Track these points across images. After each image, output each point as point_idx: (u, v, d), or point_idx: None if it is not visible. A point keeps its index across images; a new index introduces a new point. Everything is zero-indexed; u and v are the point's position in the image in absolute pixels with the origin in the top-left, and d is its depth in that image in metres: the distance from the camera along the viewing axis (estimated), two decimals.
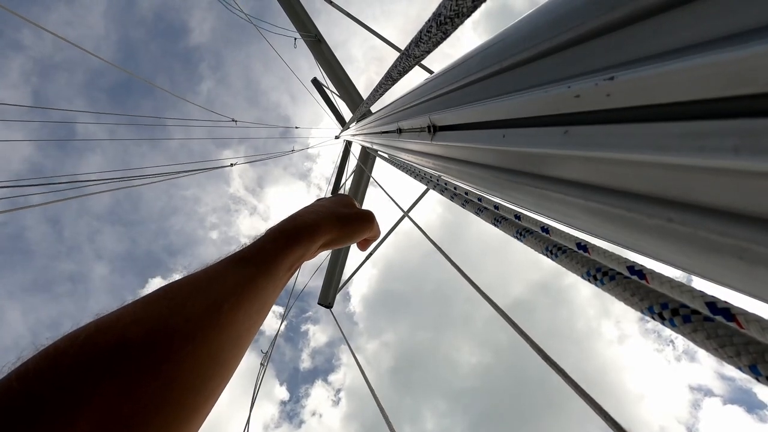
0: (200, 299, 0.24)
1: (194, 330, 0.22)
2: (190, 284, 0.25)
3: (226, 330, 0.24)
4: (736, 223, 0.18)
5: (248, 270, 0.28)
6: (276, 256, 0.31)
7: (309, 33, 3.64)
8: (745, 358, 0.22)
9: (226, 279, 0.26)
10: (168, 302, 0.23)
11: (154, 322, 0.21)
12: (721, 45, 0.17)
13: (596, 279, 0.38)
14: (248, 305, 0.26)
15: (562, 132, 0.29)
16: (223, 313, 0.24)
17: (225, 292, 0.25)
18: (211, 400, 0.23)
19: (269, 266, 0.30)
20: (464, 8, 0.41)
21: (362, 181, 4.21)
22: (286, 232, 0.33)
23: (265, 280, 0.29)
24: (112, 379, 0.18)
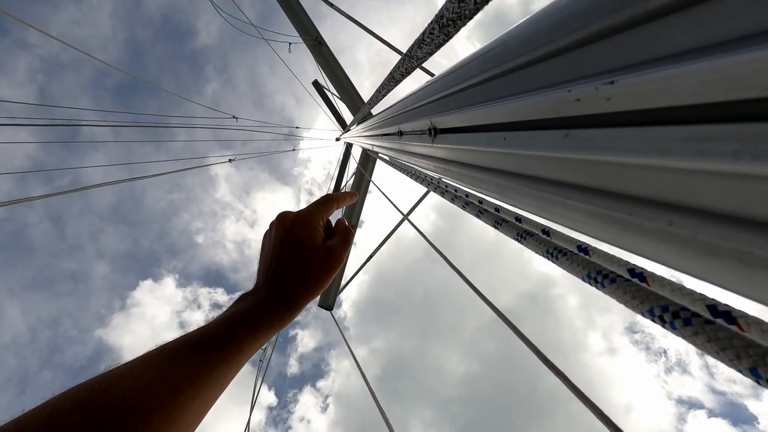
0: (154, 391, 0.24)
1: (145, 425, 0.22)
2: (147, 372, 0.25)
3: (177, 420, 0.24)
4: (736, 227, 0.18)
5: (212, 357, 0.28)
6: (244, 342, 0.30)
7: (310, 35, 3.66)
8: (745, 361, 0.22)
9: (186, 367, 0.26)
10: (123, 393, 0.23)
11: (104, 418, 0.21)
12: (722, 50, 0.17)
13: (597, 281, 0.38)
14: (205, 392, 0.26)
15: (562, 135, 0.29)
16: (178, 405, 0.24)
17: (184, 383, 0.25)
18: None
19: (234, 353, 0.29)
20: (466, 11, 0.41)
21: (363, 183, 4.21)
22: (257, 320, 0.32)
23: (227, 367, 0.28)
24: None
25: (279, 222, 0.42)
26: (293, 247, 0.39)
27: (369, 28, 3.04)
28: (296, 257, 0.38)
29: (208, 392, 0.27)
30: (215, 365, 0.27)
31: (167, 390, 0.24)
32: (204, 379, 0.26)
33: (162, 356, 0.26)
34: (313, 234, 0.40)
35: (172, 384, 0.25)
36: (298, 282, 0.37)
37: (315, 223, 0.41)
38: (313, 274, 0.38)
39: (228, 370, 0.29)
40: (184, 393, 0.25)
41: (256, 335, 0.31)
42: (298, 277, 0.37)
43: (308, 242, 0.39)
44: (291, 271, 0.37)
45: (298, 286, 0.36)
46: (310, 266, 0.38)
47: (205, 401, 0.27)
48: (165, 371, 0.25)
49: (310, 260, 0.38)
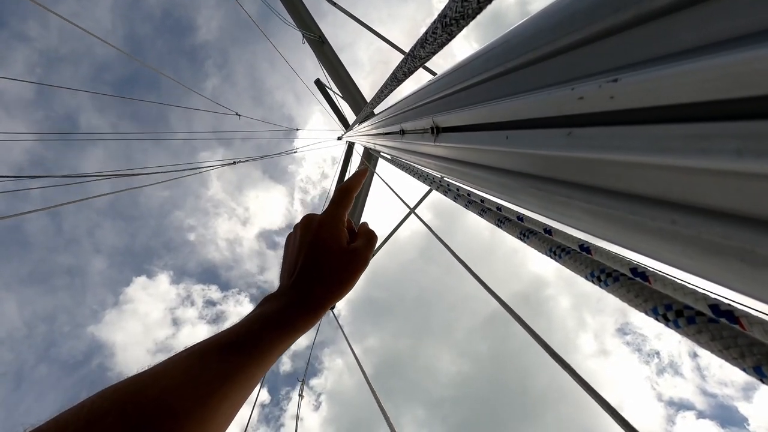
0: (187, 394, 0.24)
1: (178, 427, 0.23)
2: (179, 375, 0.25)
3: (209, 423, 0.24)
4: (739, 226, 0.18)
5: (241, 359, 0.28)
6: (272, 345, 0.31)
7: (312, 34, 3.66)
8: (749, 360, 0.22)
9: (217, 369, 0.27)
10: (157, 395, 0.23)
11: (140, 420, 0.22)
12: (725, 47, 0.17)
13: (600, 280, 0.38)
14: (235, 395, 0.27)
15: (565, 134, 0.29)
16: (209, 408, 0.25)
17: (214, 385, 0.26)
18: None
19: (263, 355, 0.30)
20: (469, 10, 0.41)
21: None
22: (284, 323, 0.33)
23: (256, 368, 0.29)
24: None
25: (304, 226, 0.42)
26: (319, 250, 0.39)
27: (372, 27, 3.04)
28: (322, 260, 0.38)
29: (238, 393, 0.27)
30: (245, 367, 0.28)
31: (199, 392, 0.25)
32: (234, 380, 0.27)
33: (192, 358, 0.27)
34: (339, 237, 0.41)
35: (204, 385, 0.25)
36: (324, 284, 0.37)
37: (341, 225, 0.42)
38: (340, 275, 0.38)
39: (257, 371, 0.29)
40: (215, 394, 0.25)
41: (282, 337, 0.32)
42: (325, 279, 0.37)
43: (334, 246, 0.40)
44: (317, 274, 0.38)
45: (324, 289, 0.37)
46: (336, 268, 0.38)
47: (235, 402, 0.27)
48: (196, 373, 0.26)
49: (336, 263, 0.38)
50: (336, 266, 0.38)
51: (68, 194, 1.99)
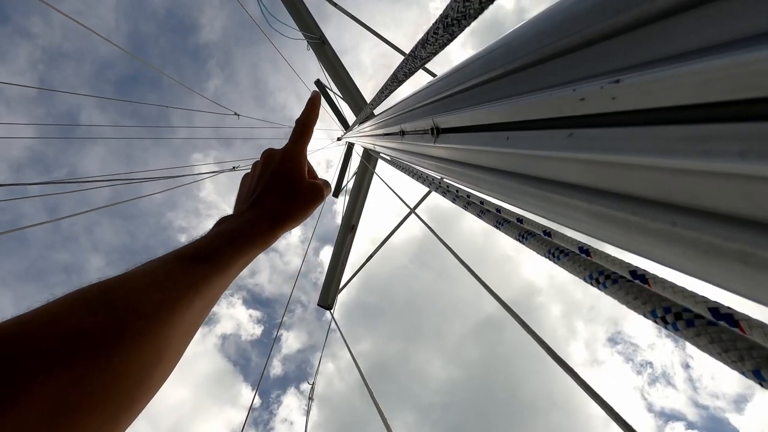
0: (154, 297, 0.24)
1: (146, 327, 0.22)
2: (145, 279, 0.25)
3: (174, 327, 0.24)
4: (741, 228, 0.18)
5: (204, 269, 0.28)
6: (231, 258, 0.31)
7: (313, 35, 3.66)
8: (748, 363, 0.22)
9: (181, 277, 0.27)
10: (124, 296, 0.23)
11: (108, 317, 0.21)
12: (727, 49, 0.17)
13: (599, 282, 0.38)
14: (199, 304, 0.27)
15: (566, 135, 0.29)
16: (175, 312, 0.24)
17: (179, 292, 0.25)
18: (153, 391, 0.23)
19: (224, 267, 0.30)
20: (471, 10, 0.41)
21: (364, 183, 4.21)
22: (244, 237, 0.33)
23: (218, 280, 0.29)
24: (62, 370, 0.18)
25: (266, 158, 0.43)
26: (281, 176, 0.40)
27: (372, 28, 3.04)
28: (283, 184, 0.40)
29: (201, 303, 0.27)
30: (207, 278, 0.28)
31: (166, 296, 0.24)
32: (197, 290, 0.27)
33: (155, 268, 0.26)
34: (301, 167, 0.42)
35: (170, 290, 0.25)
36: (283, 203, 0.38)
37: (302, 157, 0.43)
38: (299, 200, 0.39)
39: (218, 284, 0.29)
40: (181, 300, 0.25)
41: (242, 251, 0.32)
42: (283, 199, 0.39)
43: (296, 174, 0.41)
44: (276, 194, 0.39)
45: (283, 208, 0.38)
46: (296, 193, 0.40)
47: (198, 313, 0.27)
48: (160, 281, 0.25)
49: (297, 189, 0.40)
50: (296, 191, 0.40)
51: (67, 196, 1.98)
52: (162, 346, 0.23)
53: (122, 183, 2.41)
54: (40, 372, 0.17)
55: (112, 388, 0.20)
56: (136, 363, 0.21)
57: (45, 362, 0.18)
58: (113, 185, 2.34)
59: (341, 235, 4.25)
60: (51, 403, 0.17)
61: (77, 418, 0.18)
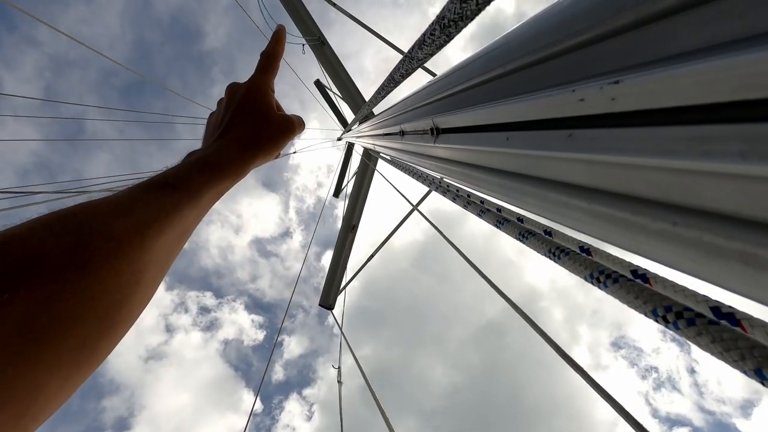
0: (123, 220, 0.23)
1: (116, 249, 0.22)
2: (111, 204, 0.24)
3: (148, 252, 0.24)
4: (741, 228, 0.18)
5: (173, 197, 0.28)
6: (201, 186, 0.30)
7: (312, 35, 3.66)
8: (750, 362, 0.22)
9: (150, 203, 0.26)
10: (88, 219, 0.22)
11: (73, 237, 0.20)
12: (728, 49, 0.17)
13: (600, 282, 0.38)
14: (171, 231, 0.26)
15: (566, 135, 0.29)
16: (147, 237, 0.24)
17: (149, 216, 0.25)
18: (132, 316, 0.23)
19: (194, 196, 0.29)
20: (468, 11, 0.41)
21: (364, 183, 4.21)
22: (213, 166, 0.32)
23: (189, 208, 0.28)
24: (28, 289, 0.17)
25: (230, 92, 0.41)
26: (248, 107, 0.39)
27: (371, 28, 3.04)
28: (250, 114, 0.38)
29: (173, 232, 0.26)
30: (177, 205, 0.27)
31: (135, 222, 0.24)
32: (168, 216, 0.26)
33: (121, 196, 0.26)
34: (268, 99, 0.40)
35: (141, 214, 0.24)
36: (250, 131, 0.37)
37: (267, 88, 0.41)
38: (268, 130, 0.38)
39: (190, 213, 0.28)
40: (151, 226, 0.24)
41: (213, 180, 0.31)
42: (251, 127, 0.37)
43: (263, 105, 0.39)
44: (243, 123, 0.37)
45: (251, 135, 0.37)
46: (265, 123, 0.38)
47: (172, 243, 0.27)
48: (128, 205, 0.25)
49: (265, 119, 0.38)
50: (264, 120, 0.38)
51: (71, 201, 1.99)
52: (137, 268, 0.23)
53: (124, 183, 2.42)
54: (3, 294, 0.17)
55: (87, 309, 0.19)
56: (111, 285, 0.21)
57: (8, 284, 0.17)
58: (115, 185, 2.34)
59: (342, 235, 4.25)
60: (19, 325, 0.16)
61: (50, 336, 0.17)
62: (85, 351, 0.19)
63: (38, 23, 1.88)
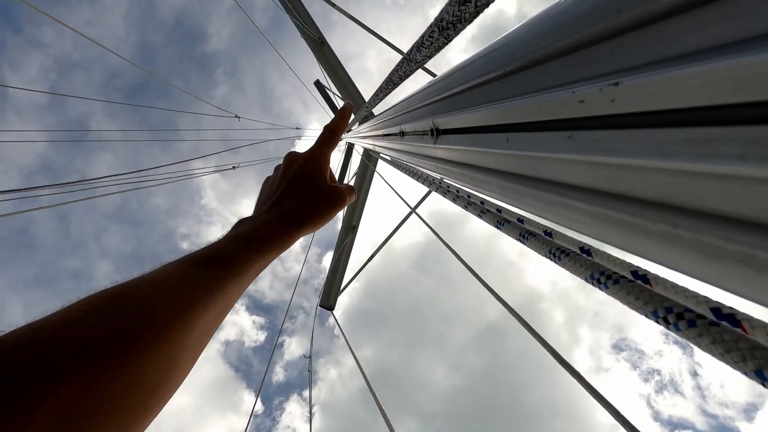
0: (168, 302, 0.23)
1: (160, 334, 0.22)
2: (159, 284, 0.24)
3: (189, 333, 0.24)
4: (742, 230, 0.18)
5: (221, 273, 0.28)
6: (247, 260, 0.30)
7: (312, 35, 3.66)
8: (751, 363, 0.22)
9: (196, 281, 0.26)
10: (137, 301, 0.22)
11: (121, 323, 0.21)
12: (728, 51, 0.17)
13: (600, 283, 0.38)
14: (214, 308, 0.26)
15: (566, 137, 0.29)
16: (190, 318, 0.24)
17: (194, 296, 0.25)
18: (165, 399, 0.23)
19: (239, 270, 0.29)
20: (466, 14, 0.41)
21: (364, 183, 4.21)
22: (261, 240, 0.32)
23: (234, 283, 0.28)
24: (75, 378, 0.18)
25: (288, 161, 0.42)
26: (303, 178, 0.39)
27: (371, 29, 3.04)
28: (304, 187, 0.39)
29: (217, 307, 0.26)
30: (223, 281, 0.27)
31: (180, 301, 0.24)
32: (213, 293, 0.26)
33: (170, 272, 0.26)
34: (323, 170, 0.41)
35: (185, 294, 0.24)
36: (302, 206, 0.37)
37: (325, 161, 0.42)
38: (319, 203, 0.38)
39: (235, 287, 0.29)
40: (196, 304, 0.24)
41: (259, 254, 0.31)
42: (303, 202, 0.38)
43: (318, 177, 0.40)
44: (297, 196, 0.38)
45: (303, 210, 0.37)
46: (316, 196, 0.39)
47: (214, 317, 0.27)
48: (176, 284, 0.25)
49: (318, 191, 0.39)
50: (317, 194, 0.39)
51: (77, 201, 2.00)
52: (176, 352, 0.23)
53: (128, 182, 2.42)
54: (51, 382, 0.17)
55: (125, 397, 0.19)
56: (150, 370, 0.21)
57: (57, 371, 0.17)
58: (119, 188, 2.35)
59: (342, 235, 4.25)
60: (62, 413, 0.17)
61: (89, 424, 0.18)
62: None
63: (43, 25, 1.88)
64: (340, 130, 0.45)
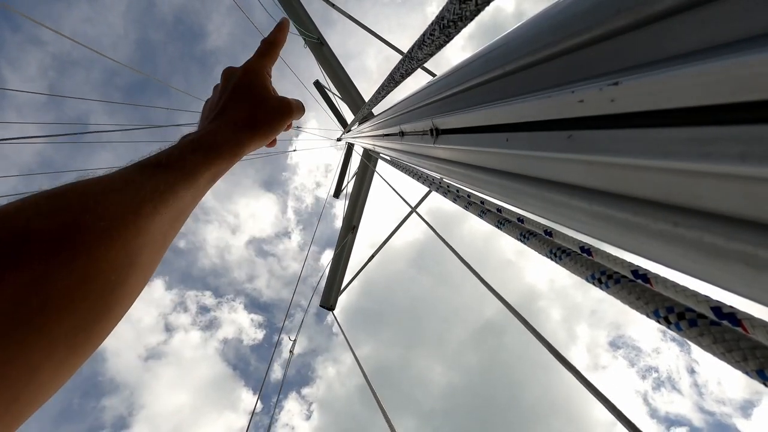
0: (116, 200, 0.22)
1: (109, 230, 0.21)
2: (102, 183, 0.23)
3: (143, 234, 0.23)
4: (742, 229, 0.18)
5: (168, 176, 0.27)
6: (196, 166, 0.30)
7: (311, 35, 3.66)
8: (752, 363, 0.22)
9: (143, 183, 0.25)
10: (79, 198, 0.21)
11: (62, 217, 0.20)
12: (728, 51, 0.17)
13: (601, 282, 0.38)
14: (166, 211, 0.25)
15: (565, 136, 0.29)
16: (141, 216, 0.23)
17: (143, 196, 0.24)
18: (128, 300, 0.23)
19: (188, 175, 0.29)
20: (467, 12, 0.41)
21: (364, 183, 4.21)
22: (207, 146, 0.32)
23: (184, 189, 0.28)
24: (14, 271, 0.17)
25: (226, 76, 0.41)
26: (244, 88, 0.38)
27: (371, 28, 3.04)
28: (245, 96, 0.38)
29: (169, 211, 0.26)
30: (172, 184, 0.27)
31: (126, 201, 0.23)
32: (162, 195, 0.25)
33: (113, 176, 0.25)
34: (264, 82, 0.40)
35: (131, 196, 0.24)
36: (246, 111, 0.37)
37: (265, 72, 0.41)
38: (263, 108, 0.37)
39: (185, 194, 0.28)
40: (144, 206, 0.23)
41: (207, 160, 0.31)
42: (247, 108, 0.37)
43: (260, 88, 0.39)
44: (238, 104, 0.37)
45: (247, 115, 0.36)
46: (259, 102, 0.38)
47: (169, 223, 0.26)
48: (120, 186, 0.24)
49: (260, 98, 0.38)
50: (260, 101, 0.38)
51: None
52: (131, 250, 0.22)
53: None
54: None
55: (81, 291, 0.19)
56: (106, 267, 0.20)
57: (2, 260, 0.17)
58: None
59: (342, 235, 4.25)
60: (5, 306, 0.16)
61: (42, 319, 0.17)
62: (80, 335, 0.19)
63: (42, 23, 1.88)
64: (278, 42, 0.44)
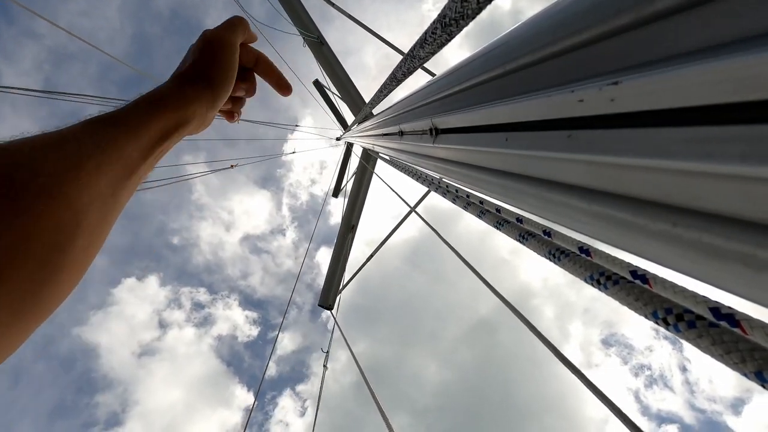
0: (54, 156, 0.22)
1: (49, 186, 0.20)
2: (40, 140, 0.22)
3: (87, 191, 0.22)
4: (741, 230, 0.18)
5: (111, 132, 0.26)
6: (140, 121, 0.29)
7: (311, 34, 3.65)
8: (750, 365, 0.22)
9: (84, 139, 0.24)
10: (11, 155, 0.20)
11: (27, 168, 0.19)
12: (728, 50, 0.17)
13: (599, 283, 0.38)
14: (111, 169, 0.25)
15: (565, 136, 0.29)
16: (83, 173, 0.22)
17: (85, 152, 0.23)
18: (78, 263, 0.22)
19: (134, 131, 0.28)
20: (469, 10, 0.41)
21: (363, 182, 4.21)
22: (150, 100, 0.31)
23: (130, 145, 0.27)
24: None
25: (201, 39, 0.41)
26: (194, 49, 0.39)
27: (370, 28, 3.04)
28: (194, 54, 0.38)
29: (113, 170, 0.25)
30: (116, 140, 0.26)
31: (65, 156, 0.22)
32: (105, 152, 0.24)
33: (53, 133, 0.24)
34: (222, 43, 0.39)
35: (70, 151, 0.23)
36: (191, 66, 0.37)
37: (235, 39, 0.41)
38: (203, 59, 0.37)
39: (132, 151, 0.27)
40: (87, 162, 0.23)
41: (152, 114, 0.30)
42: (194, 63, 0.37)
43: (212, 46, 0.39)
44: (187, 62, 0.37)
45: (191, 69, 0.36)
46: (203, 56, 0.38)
47: (113, 183, 0.25)
48: (59, 142, 0.23)
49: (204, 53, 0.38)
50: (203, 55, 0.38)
51: None
52: (77, 209, 0.21)
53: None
54: None
55: (23, 251, 0.18)
56: (50, 225, 0.19)
57: None
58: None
59: (341, 235, 4.25)
60: None
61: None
62: (27, 298, 0.18)
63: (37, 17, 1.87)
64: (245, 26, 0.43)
